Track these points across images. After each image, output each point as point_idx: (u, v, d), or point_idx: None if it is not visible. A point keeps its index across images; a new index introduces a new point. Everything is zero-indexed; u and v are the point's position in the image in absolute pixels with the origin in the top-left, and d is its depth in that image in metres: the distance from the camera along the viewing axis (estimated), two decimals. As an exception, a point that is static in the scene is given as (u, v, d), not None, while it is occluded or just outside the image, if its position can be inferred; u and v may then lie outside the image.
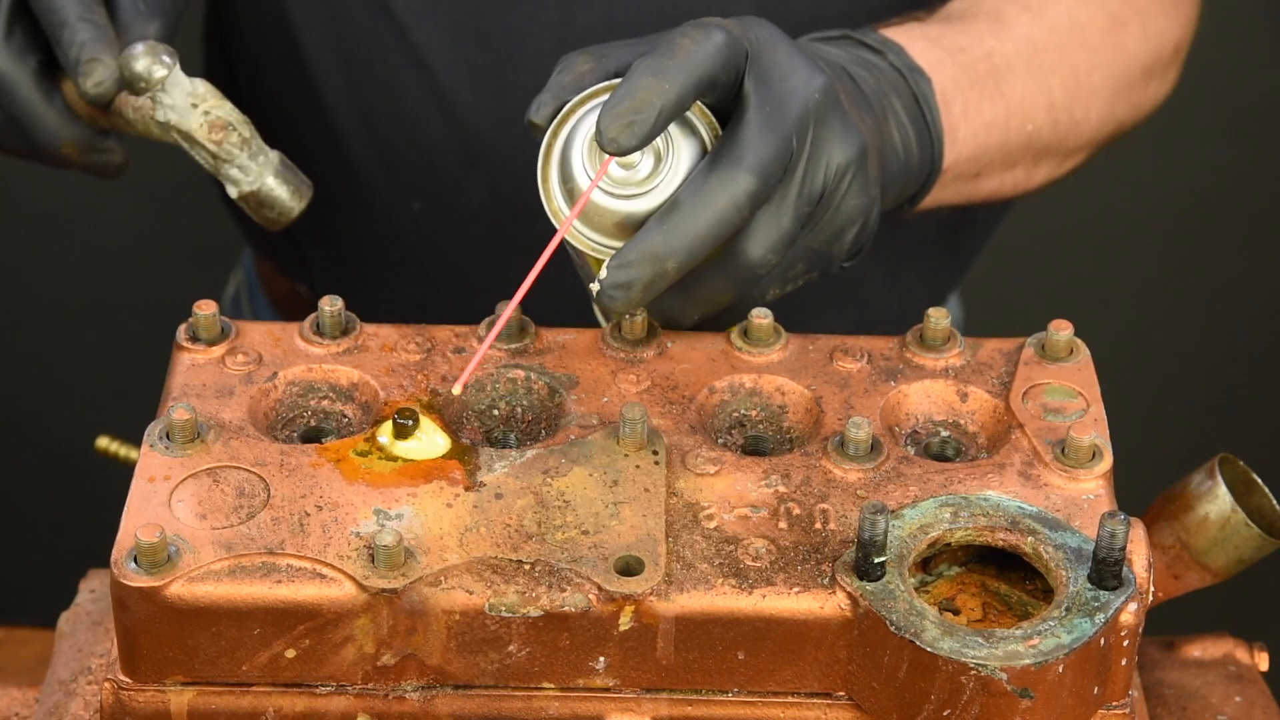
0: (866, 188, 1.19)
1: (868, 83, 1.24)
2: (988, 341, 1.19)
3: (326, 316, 1.17)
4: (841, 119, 1.17)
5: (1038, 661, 1.01)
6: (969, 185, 1.36)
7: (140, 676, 1.05)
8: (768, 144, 1.14)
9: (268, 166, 1.26)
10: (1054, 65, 1.39)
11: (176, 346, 1.17)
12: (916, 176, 1.28)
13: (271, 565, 1.04)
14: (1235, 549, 1.16)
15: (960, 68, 1.33)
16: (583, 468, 1.09)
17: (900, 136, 1.25)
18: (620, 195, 1.15)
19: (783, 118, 1.14)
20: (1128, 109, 1.46)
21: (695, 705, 1.06)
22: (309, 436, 1.14)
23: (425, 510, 1.07)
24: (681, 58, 1.12)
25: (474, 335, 1.18)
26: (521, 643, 1.04)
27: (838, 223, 1.19)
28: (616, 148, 1.11)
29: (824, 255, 1.20)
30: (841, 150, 1.17)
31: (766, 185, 1.14)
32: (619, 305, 1.13)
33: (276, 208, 1.26)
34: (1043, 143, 1.39)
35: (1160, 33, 1.46)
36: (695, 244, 1.13)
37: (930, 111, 1.28)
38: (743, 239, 1.16)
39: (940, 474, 1.10)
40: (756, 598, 1.04)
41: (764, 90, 1.15)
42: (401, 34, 1.51)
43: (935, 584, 1.09)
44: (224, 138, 1.24)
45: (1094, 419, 1.13)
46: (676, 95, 1.11)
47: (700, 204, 1.13)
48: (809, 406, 1.15)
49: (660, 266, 1.12)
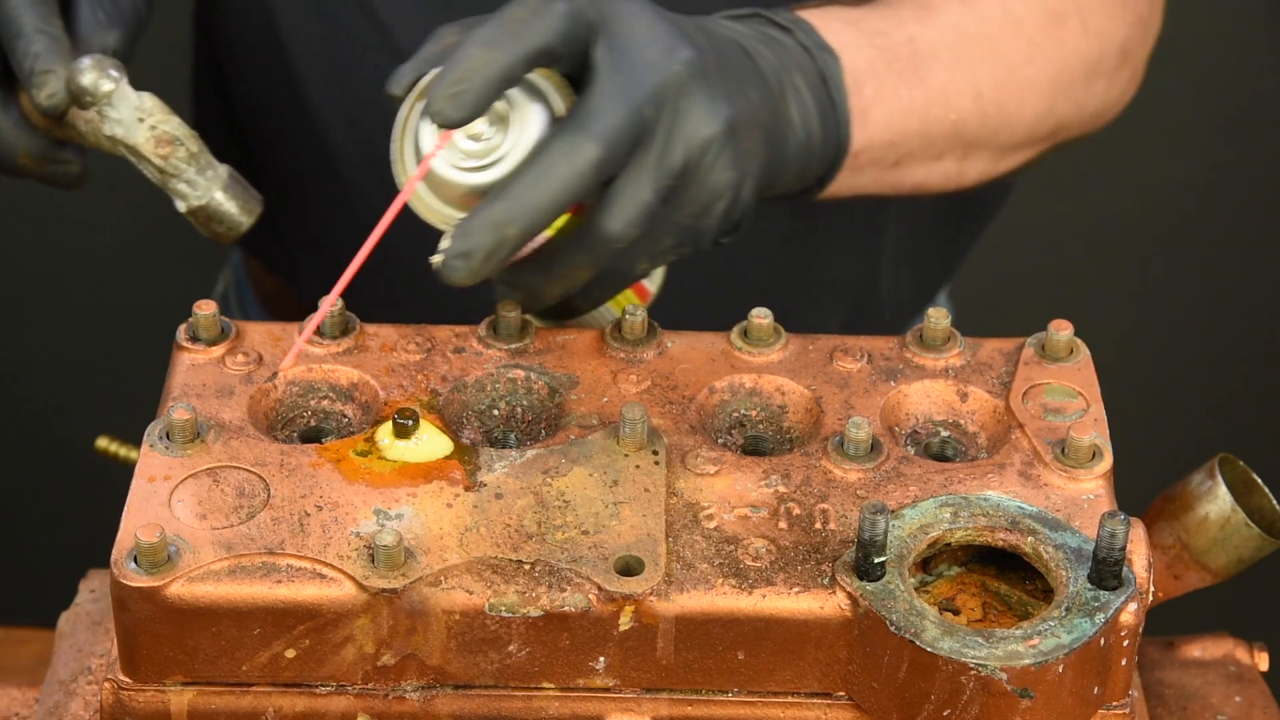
0: (736, 162, 1.17)
1: (766, 58, 1.23)
2: (988, 341, 1.19)
3: (326, 316, 1.17)
4: (707, 91, 1.15)
5: (1038, 661, 1.01)
6: (889, 173, 1.34)
7: (140, 676, 1.05)
8: (615, 112, 1.12)
9: (216, 181, 1.24)
10: (983, 55, 1.36)
11: (176, 346, 1.17)
12: (821, 157, 1.26)
13: (271, 565, 1.04)
14: (1235, 549, 1.16)
15: (877, 50, 1.30)
16: (583, 468, 1.09)
17: (800, 115, 1.24)
18: (467, 168, 1.14)
19: (636, 87, 1.13)
20: (1069, 107, 1.42)
21: (695, 705, 1.06)
22: (309, 436, 1.14)
23: (425, 510, 1.07)
24: (513, 27, 1.11)
25: (474, 335, 1.18)
26: (521, 643, 1.04)
27: (704, 197, 1.17)
28: (443, 119, 1.10)
29: (692, 230, 1.18)
30: (706, 123, 1.15)
31: (613, 153, 1.12)
32: (460, 275, 1.12)
33: (225, 222, 1.24)
34: (971, 134, 1.37)
35: (1103, 30, 1.43)
36: (536, 210, 1.12)
37: (837, 90, 1.26)
38: (600, 211, 1.15)
39: (940, 474, 1.10)
40: (756, 598, 1.04)
41: (616, 59, 1.14)
42: (385, 34, 1.50)
43: (935, 584, 1.09)
44: (170, 152, 1.22)
45: (1094, 419, 1.13)
46: (505, 66, 1.10)
47: (541, 171, 1.12)
48: (809, 406, 1.15)
49: (501, 234, 1.11)
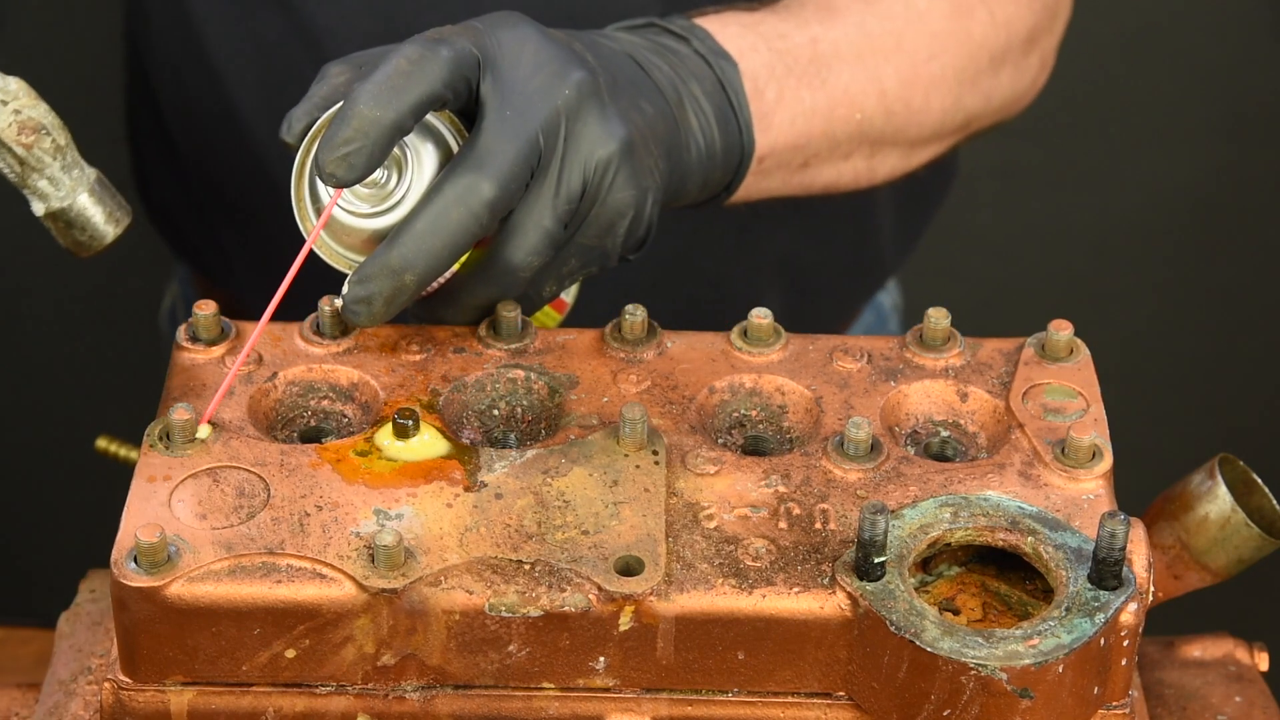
0: (635, 179, 1.17)
1: (661, 69, 1.23)
2: (988, 341, 1.19)
3: (326, 316, 1.17)
4: (600, 112, 1.16)
5: (1038, 661, 1.01)
6: (798, 175, 1.34)
7: (140, 676, 1.05)
8: (506, 149, 1.13)
9: (82, 182, 1.15)
10: (887, 53, 1.36)
11: (176, 346, 1.17)
12: (724, 165, 1.26)
13: (271, 565, 1.04)
14: (1235, 549, 1.16)
15: (776, 54, 1.30)
16: (583, 468, 1.09)
17: (700, 123, 1.24)
18: (363, 214, 1.15)
19: (525, 120, 1.14)
20: (977, 99, 1.42)
21: (695, 705, 1.06)
22: (309, 436, 1.14)
23: (425, 510, 1.07)
24: (398, 80, 1.11)
25: (474, 335, 1.18)
26: (521, 643, 1.04)
27: (606, 217, 1.17)
28: (336, 181, 1.11)
29: (597, 250, 1.19)
30: (601, 144, 1.16)
31: (507, 191, 1.13)
32: (363, 319, 1.14)
33: (88, 231, 1.15)
34: (877, 132, 1.36)
35: (1010, 19, 1.42)
36: (432, 257, 1.12)
37: (736, 97, 1.26)
38: (503, 244, 1.15)
39: (940, 474, 1.10)
40: (756, 598, 1.04)
41: (504, 93, 1.14)
42: (316, 49, 1.49)
43: (935, 584, 1.09)
44: (35, 141, 1.13)
45: (1094, 419, 1.13)
46: (391, 121, 1.11)
47: (436, 215, 1.12)
48: (809, 406, 1.15)
49: (398, 280, 1.12)
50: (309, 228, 1.16)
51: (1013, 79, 1.44)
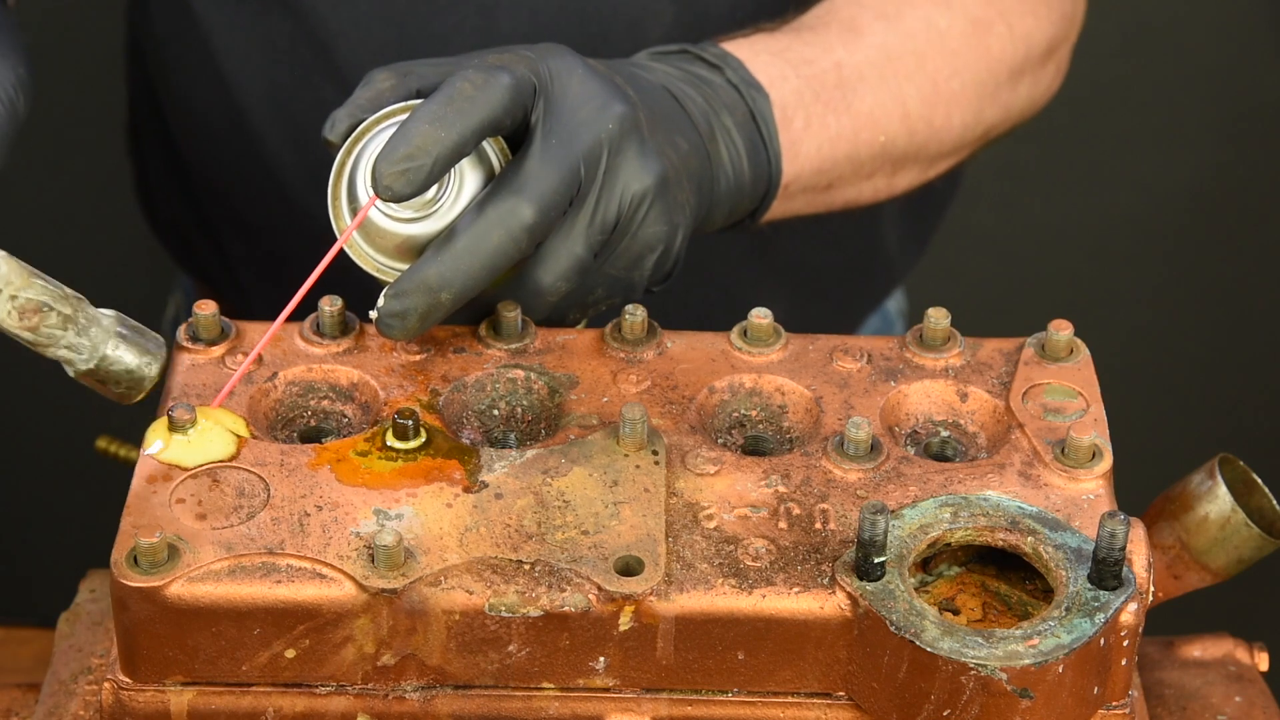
0: (667, 215, 1.19)
1: (695, 101, 1.24)
2: (988, 341, 1.19)
3: (326, 316, 1.17)
4: (639, 147, 1.17)
5: (1038, 661, 1.01)
6: (820, 197, 1.35)
7: (140, 676, 1.05)
8: (549, 176, 1.14)
9: (103, 337, 1.11)
10: (909, 73, 1.37)
11: (176, 346, 1.17)
12: (751, 194, 1.28)
13: (271, 565, 1.04)
14: (1235, 549, 1.16)
15: (804, 80, 1.31)
16: (583, 468, 1.09)
17: (730, 155, 1.25)
18: (401, 219, 1.16)
19: (569, 149, 1.15)
20: (996, 112, 1.43)
21: (695, 705, 1.06)
22: (309, 436, 1.14)
23: (425, 510, 1.07)
24: (462, 104, 1.13)
25: (474, 335, 1.18)
26: (521, 643, 1.04)
27: (635, 250, 1.19)
28: (392, 195, 1.12)
29: (624, 282, 1.20)
30: (638, 179, 1.17)
31: (546, 217, 1.14)
32: (396, 334, 1.14)
33: (124, 380, 1.11)
34: (899, 152, 1.38)
35: (1029, 33, 1.43)
36: (469, 278, 1.13)
37: (767, 128, 1.27)
38: (534, 265, 1.17)
39: (940, 474, 1.10)
40: (756, 598, 1.04)
41: (552, 122, 1.16)
42: (326, 55, 1.50)
43: (935, 584, 1.09)
44: (39, 322, 1.10)
45: (1094, 419, 1.13)
46: (454, 143, 1.12)
47: (476, 236, 1.13)
48: (809, 406, 1.15)
49: (434, 298, 1.13)
50: (342, 227, 1.17)
51: (1030, 90, 1.46)
